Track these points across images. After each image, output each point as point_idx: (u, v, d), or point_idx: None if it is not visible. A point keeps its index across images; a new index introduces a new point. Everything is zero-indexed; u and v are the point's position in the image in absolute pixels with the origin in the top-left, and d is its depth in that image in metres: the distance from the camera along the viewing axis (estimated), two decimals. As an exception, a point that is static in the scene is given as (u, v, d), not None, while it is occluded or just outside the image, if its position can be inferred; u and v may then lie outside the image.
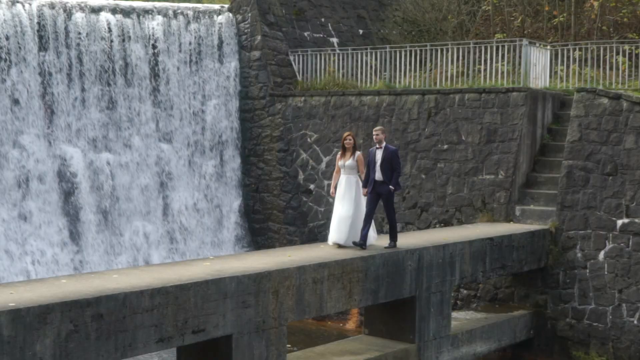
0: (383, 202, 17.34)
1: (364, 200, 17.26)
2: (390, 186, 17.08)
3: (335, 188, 17.49)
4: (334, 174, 17.69)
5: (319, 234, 26.71)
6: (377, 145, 17.34)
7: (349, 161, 17.22)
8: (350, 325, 24.63)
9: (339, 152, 17.58)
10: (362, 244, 17.02)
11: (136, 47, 27.35)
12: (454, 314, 20.49)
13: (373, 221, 17.40)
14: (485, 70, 25.67)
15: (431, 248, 18.08)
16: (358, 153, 17.34)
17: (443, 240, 18.84)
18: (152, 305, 12.51)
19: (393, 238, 17.54)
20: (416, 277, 17.61)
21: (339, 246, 17.22)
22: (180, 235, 27.43)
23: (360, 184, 17.32)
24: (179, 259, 26.43)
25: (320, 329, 24.45)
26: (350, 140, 17.30)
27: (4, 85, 24.56)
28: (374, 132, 17.53)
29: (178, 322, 12.90)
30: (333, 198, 17.74)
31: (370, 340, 17.84)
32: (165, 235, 27.16)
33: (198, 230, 27.88)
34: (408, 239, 19.07)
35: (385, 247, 17.25)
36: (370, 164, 17.25)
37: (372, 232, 17.32)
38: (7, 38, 24.70)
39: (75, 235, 25.26)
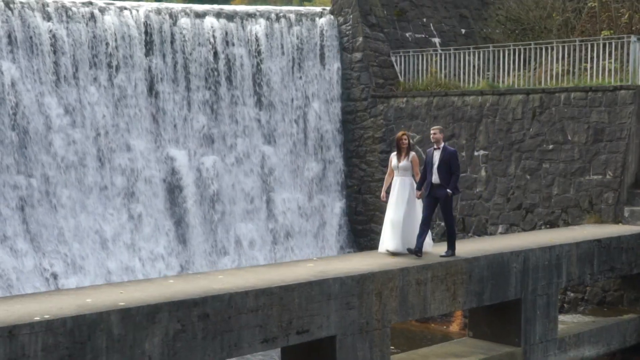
0: (440, 207, 16.27)
1: (418, 204, 16.24)
2: (448, 190, 15.94)
3: (387, 192, 16.50)
4: (386, 176, 16.67)
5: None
6: (435, 146, 16.25)
7: (404, 162, 16.19)
8: (454, 327, 24.40)
9: (393, 153, 16.54)
10: (417, 251, 15.96)
11: (239, 50, 27.72)
12: (561, 317, 20.08)
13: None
14: (591, 68, 25.08)
15: (537, 250, 17.76)
16: (413, 154, 16.34)
17: (549, 242, 18.49)
18: (257, 305, 12.63)
19: (451, 246, 16.37)
20: (522, 279, 17.32)
21: (392, 254, 16.17)
22: (283, 236, 27.65)
23: (415, 186, 16.27)
24: (282, 260, 26.65)
25: (424, 331, 24.30)
26: (405, 140, 16.28)
27: (112, 89, 25.20)
28: (431, 132, 16.48)
29: (282, 323, 12.99)
30: (385, 202, 16.58)
31: (474, 343, 17.63)
32: (269, 237, 27.43)
33: (301, 231, 28.06)
34: (513, 241, 18.80)
35: (442, 256, 16.11)
36: (427, 165, 16.15)
37: (428, 239, 16.28)
38: (116, 43, 25.34)
39: (181, 236, 25.75)
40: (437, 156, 16.04)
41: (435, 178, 15.98)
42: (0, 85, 23.18)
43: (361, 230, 28.81)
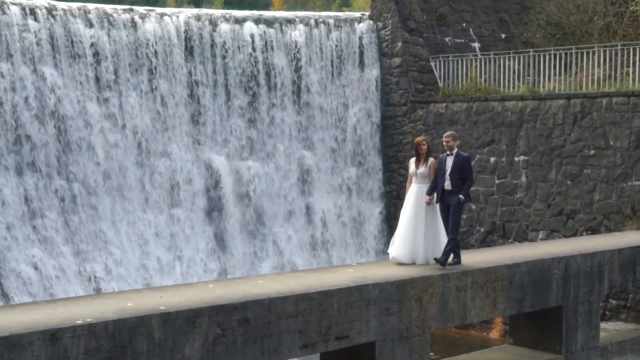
0: (450, 212, 15.50)
1: (437, 213, 15.55)
2: (460, 195, 15.32)
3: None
4: (407, 183, 16.13)
5: (461, 241, 26.38)
6: (448, 152, 15.69)
7: (422, 168, 15.62)
8: (494, 334, 24.23)
9: (412, 159, 16.02)
10: (443, 260, 15.28)
11: (279, 56, 27.80)
12: (603, 325, 19.83)
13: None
14: (633, 72, 24.80)
15: (578, 256, 17.57)
16: (431, 160, 15.75)
17: (591, 249, 18.28)
18: (297, 311, 12.62)
19: (456, 255, 15.59)
20: (563, 286, 17.14)
21: (400, 263, 15.51)
22: (322, 241, 27.65)
23: (434, 194, 15.59)
24: (321, 265, 26.64)
25: (464, 337, 24.17)
26: (424, 145, 15.71)
27: (153, 95, 25.39)
28: (444, 138, 15.95)
29: (322, 328, 12.96)
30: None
31: (515, 350, 17.48)
32: (308, 242, 27.43)
33: (340, 236, 28.04)
34: (554, 247, 18.62)
35: (449, 264, 15.43)
36: (439, 171, 15.53)
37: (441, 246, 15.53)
38: (156, 49, 25.53)
39: (220, 241, 25.85)
40: (449, 162, 15.55)
41: (447, 184, 15.45)
42: (42, 91, 23.45)
43: (400, 235, 28.66)
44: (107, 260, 23.63)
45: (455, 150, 15.69)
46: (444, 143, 15.78)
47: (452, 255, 15.52)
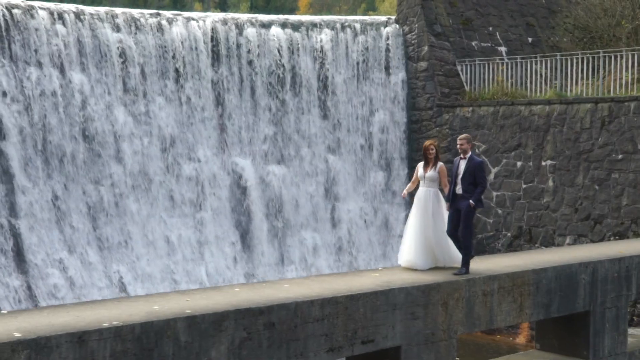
0: (460, 219, 15.13)
1: (444, 216, 15.23)
2: (471, 201, 14.92)
3: (409, 193, 15.62)
4: (410, 184, 15.78)
5: (487, 246, 26.33)
6: (462, 156, 15.33)
7: (430, 172, 15.26)
8: (521, 339, 24.10)
9: (421, 163, 15.54)
10: (465, 272, 14.92)
11: (305, 60, 27.84)
12: (631, 331, 19.67)
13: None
14: (662, 76, 24.65)
15: (606, 261, 17.44)
16: (440, 164, 15.42)
17: (618, 254, 18.14)
18: (323, 314, 12.61)
19: (465, 263, 15.24)
20: (590, 291, 17.02)
21: (410, 269, 15.15)
22: (348, 245, 27.64)
23: (440, 197, 15.32)
24: (347, 270, 26.63)
25: (490, 342, 24.06)
26: (433, 149, 15.33)
27: (179, 99, 25.50)
28: (458, 141, 15.52)
29: (348, 332, 12.95)
30: (404, 198, 15.64)
31: (542, 356, 17.38)
32: (334, 246, 27.43)
33: (366, 240, 28.01)
34: (581, 252, 18.49)
35: (454, 274, 14.96)
36: (452, 175, 15.21)
37: (456, 252, 15.18)
38: (183, 54, 25.65)
39: (246, 245, 25.90)
40: (462, 166, 15.20)
41: (458, 188, 15.12)
42: (70, 95, 23.61)
43: (426, 240, 28.59)
44: (133, 263, 23.75)
45: (469, 154, 15.32)
46: (458, 146, 15.43)
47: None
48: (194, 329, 11.28)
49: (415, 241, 15.29)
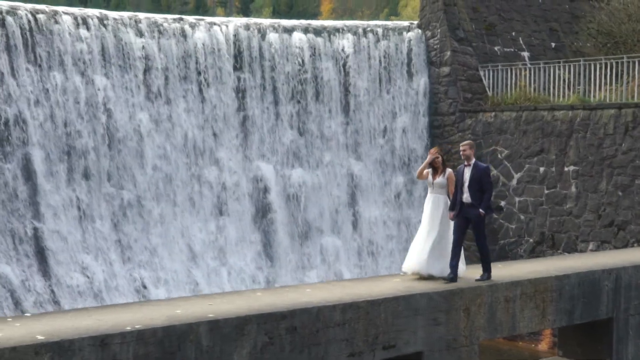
0: (472, 228, 15.03)
1: (450, 225, 15.01)
2: (480, 210, 14.71)
3: (423, 172, 15.26)
4: (421, 168, 15.29)
5: (510, 252, 26.22)
6: (466, 163, 15.07)
7: (439, 178, 15.03)
8: (543, 346, 23.99)
9: (429, 170, 15.26)
10: (452, 277, 14.70)
11: (327, 65, 27.87)
12: (654, 338, 19.54)
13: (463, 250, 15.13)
14: (687, 82, 24.46)
15: (630, 268, 17.34)
16: (449, 170, 15.17)
17: (642, 260, 18.04)
18: (344, 319, 12.62)
19: (486, 269, 15.15)
20: (613, 298, 16.93)
21: (420, 277, 14.96)
22: (369, 250, 27.62)
23: (448, 204, 15.10)
24: (368, 274, 26.61)
25: (512, 349, 23.96)
26: (438, 158, 15.07)
27: (202, 103, 25.60)
28: (461, 148, 15.29)
29: (369, 337, 12.95)
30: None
31: (564, 362, 17.32)
32: (355, 251, 27.43)
33: (387, 246, 27.98)
34: (604, 258, 18.40)
35: (477, 280, 14.95)
36: (457, 184, 14.93)
37: (460, 264, 14.97)
38: (205, 58, 25.75)
39: (267, 249, 25.95)
40: (467, 173, 14.93)
41: (466, 197, 14.82)
42: (93, 100, 23.76)
43: (448, 245, 28.53)
44: (155, 267, 23.84)
45: (473, 160, 15.10)
46: (461, 152, 15.19)
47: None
48: (216, 333, 11.32)
49: (423, 248, 14.97)
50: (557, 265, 17.26)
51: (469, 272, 15.52)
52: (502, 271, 16.30)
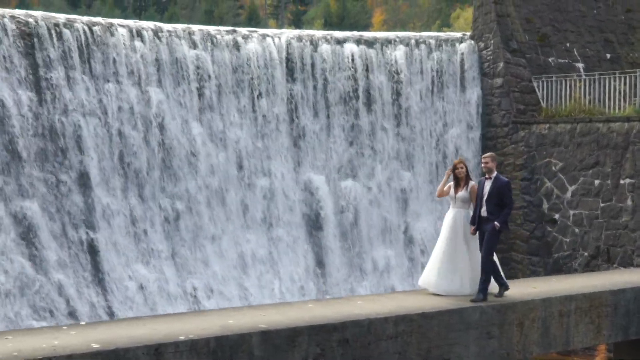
0: (484, 240, 14.56)
1: (475, 241, 14.69)
2: (496, 222, 14.34)
3: (443, 189, 15.08)
4: (441, 186, 15.25)
5: (564, 266, 25.91)
6: (487, 176, 14.79)
7: (462, 192, 14.76)
8: (597, 361, 23.63)
9: (450, 184, 15.05)
10: (482, 298, 14.24)
11: (379, 76, 27.84)
12: None
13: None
14: None
15: (687, 283, 17.05)
16: (472, 183, 14.90)
17: (701, 275, 17.73)
18: (396, 332, 12.58)
19: (482, 289, 14.43)
20: (671, 313, 16.65)
21: (435, 294, 14.66)
22: (421, 263, 27.47)
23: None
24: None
25: (565, 363, 23.62)
26: (462, 168, 14.86)
27: (255, 114, 25.74)
28: (482, 160, 15.04)
29: (421, 351, 12.89)
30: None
31: (619, 378, 17.06)
32: (408, 263, 27.33)
33: (439, 258, 27.79)
34: (661, 273, 18.12)
35: (495, 296, 14.57)
36: (477, 197, 14.69)
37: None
38: (258, 70, 25.90)
39: (319, 261, 25.97)
40: (487, 187, 14.63)
41: (484, 210, 14.52)
42: (147, 111, 24.01)
43: (501, 258, 28.12)
44: (208, 278, 23.98)
45: (495, 173, 14.82)
46: (483, 165, 14.97)
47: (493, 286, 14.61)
48: (268, 343, 11.35)
49: (442, 265, 14.75)
50: (613, 279, 17.04)
51: (521, 287, 15.43)
52: (557, 285, 16.13)
